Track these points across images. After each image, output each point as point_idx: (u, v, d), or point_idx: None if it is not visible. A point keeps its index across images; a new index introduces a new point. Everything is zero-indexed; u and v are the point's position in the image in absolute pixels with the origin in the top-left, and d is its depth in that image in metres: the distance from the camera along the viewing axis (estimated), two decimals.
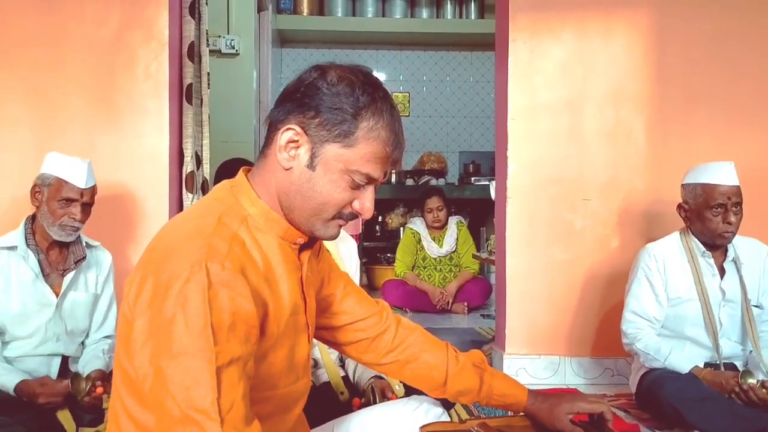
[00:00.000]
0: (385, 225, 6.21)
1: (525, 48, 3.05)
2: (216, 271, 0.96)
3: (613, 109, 3.06)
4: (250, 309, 0.98)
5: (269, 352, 1.07)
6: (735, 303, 2.43)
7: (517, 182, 3.05)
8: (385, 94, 1.10)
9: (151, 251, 1.05)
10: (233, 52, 5.27)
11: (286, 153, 1.08)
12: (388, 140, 1.08)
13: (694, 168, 2.47)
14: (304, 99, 1.07)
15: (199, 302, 0.93)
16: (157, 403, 0.94)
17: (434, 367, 1.37)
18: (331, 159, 1.06)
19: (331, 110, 1.05)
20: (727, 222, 2.34)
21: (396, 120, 1.10)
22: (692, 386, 2.28)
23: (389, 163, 1.09)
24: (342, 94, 1.06)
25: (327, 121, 1.06)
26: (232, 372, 0.94)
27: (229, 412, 0.92)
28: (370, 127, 1.06)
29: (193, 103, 3.07)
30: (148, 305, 0.97)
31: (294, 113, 1.07)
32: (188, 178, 3.03)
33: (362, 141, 1.06)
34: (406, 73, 6.97)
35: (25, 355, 2.21)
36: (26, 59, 2.86)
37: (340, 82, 1.07)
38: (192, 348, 0.92)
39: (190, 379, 0.91)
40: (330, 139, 1.06)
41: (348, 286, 1.37)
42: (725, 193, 2.34)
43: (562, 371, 3.02)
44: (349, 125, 1.05)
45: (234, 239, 1.03)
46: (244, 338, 0.97)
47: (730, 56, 3.07)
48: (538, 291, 3.05)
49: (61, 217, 2.19)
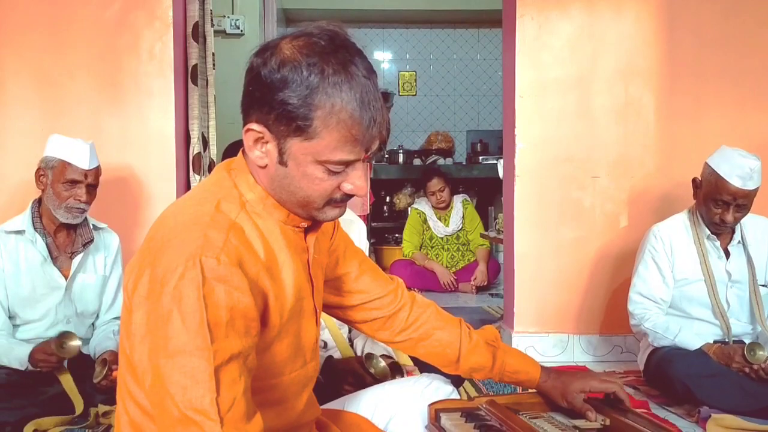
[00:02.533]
0: (392, 205, 6.20)
1: (533, 24, 3.01)
2: (211, 266, 0.92)
3: (622, 86, 3.02)
4: (248, 302, 0.94)
5: (274, 342, 1.04)
6: (742, 284, 2.42)
7: (526, 161, 3.03)
8: (339, 62, 0.96)
9: (150, 239, 1.02)
10: (238, 32, 5.23)
11: (257, 151, 1.01)
12: (353, 119, 0.95)
13: (724, 149, 2.36)
14: (255, 94, 0.98)
15: (194, 299, 0.90)
16: (156, 402, 0.92)
17: (448, 345, 1.36)
18: (298, 153, 0.98)
19: (281, 104, 0.95)
20: (723, 219, 2.32)
21: (359, 89, 0.95)
22: (702, 362, 2.27)
23: (364, 141, 0.98)
24: (287, 81, 0.95)
25: (281, 116, 0.96)
26: (232, 369, 0.91)
27: (229, 411, 0.89)
28: (326, 113, 0.95)
29: (198, 84, 3.05)
30: (146, 297, 0.95)
31: (253, 109, 1.00)
32: (195, 159, 3.02)
33: (323, 129, 0.95)
34: (413, 51, 6.91)
35: (37, 338, 2.23)
36: (31, 42, 2.85)
37: (282, 68, 0.95)
38: (189, 347, 0.89)
39: (188, 379, 0.88)
40: (290, 134, 0.97)
41: (364, 264, 1.34)
42: (734, 193, 2.29)
43: (571, 349, 3.02)
44: (303, 117, 0.95)
45: (232, 228, 0.98)
46: (243, 332, 0.94)
47: (742, 33, 3.02)
48: (546, 269, 3.04)
49: (66, 199, 2.19)
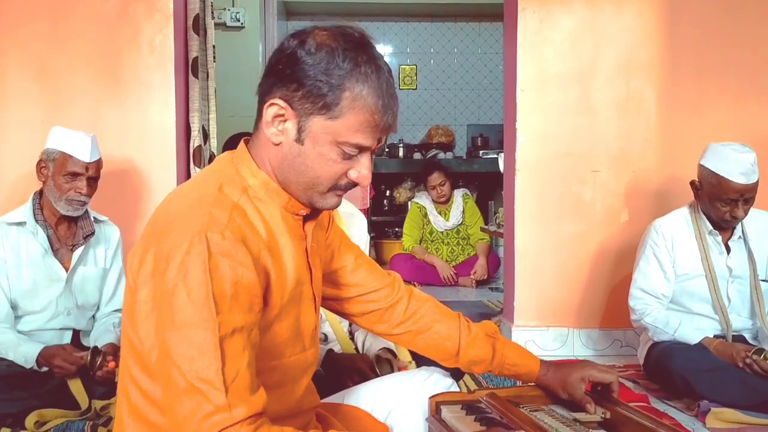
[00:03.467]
0: (392, 199, 6.20)
1: (534, 18, 3.00)
2: (216, 241, 0.95)
3: (623, 80, 3.02)
4: (252, 278, 0.97)
5: (274, 322, 1.07)
6: (743, 279, 2.42)
7: (526, 155, 3.02)
8: (370, 55, 1.04)
9: (152, 223, 1.05)
10: (238, 24, 5.22)
11: (274, 128, 1.05)
12: (376, 107, 1.02)
13: (715, 148, 2.35)
14: (285, 71, 1.03)
15: (199, 273, 0.93)
16: (163, 375, 0.94)
17: (447, 337, 1.36)
18: (319, 132, 1.03)
19: (313, 81, 1.01)
20: (734, 216, 2.32)
21: (384, 82, 1.04)
22: (702, 357, 2.28)
23: (380, 130, 1.05)
24: (323, 62, 1.01)
25: (309, 94, 1.01)
26: (236, 341, 0.94)
27: (234, 381, 0.92)
28: (354, 96, 1.01)
29: (199, 76, 3.05)
30: (151, 275, 0.97)
31: (277, 86, 1.04)
32: (195, 152, 3.02)
33: (348, 111, 1.01)
34: (413, 45, 6.89)
35: (37, 329, 2.24)
36: (31, 35, 2.84)
37: (319, 50, 1.01)
38: (195, 319, 0.92)
39: (194, 350, 0.91)
40: (314, 111, 1.02)
41: (359, 258, 1.36)
42: (740, 190, 2.28)
43: (571, 343, 3.02)
44: (333, 96, 1.01)
45: (235, 209, 1.02)
46: (247, 307, 0.97)
47: (743, 26, 3.02)
48: (546, 263, 3.04)
49: (67, 191, 2.19)
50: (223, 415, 0.90)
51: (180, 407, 0.91)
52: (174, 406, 0.92)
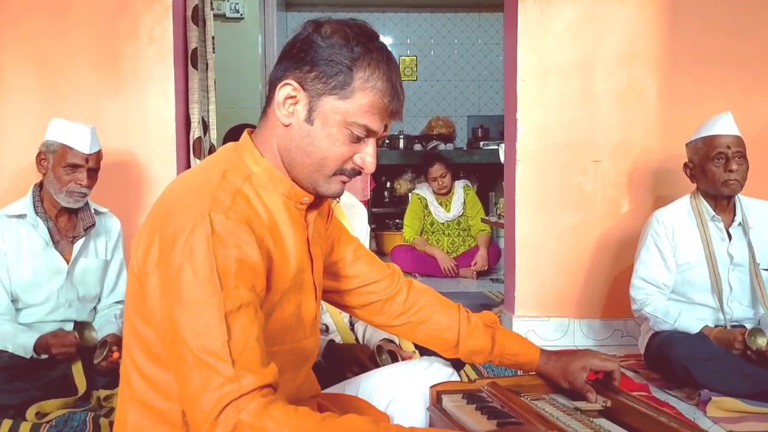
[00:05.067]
0: (393, 191, 6.19)
1: (535, 7, 2.99)
2: (220, 220, 0.97)
3: (624, 69, 3.01)
4: (255, 257, 0.99)
5: (276, 307, 1.08)
6: (743, 267, 2.42)
7: (527, 145, 3.02)
8: (381, 45, 1.09)
9: (156, 208, 1.06)
10: (238, 16, 5.20)
11: (284, 109, 1.08)
12: (386, 90, 1.06)
13: (698, 128, 2.48)
14: (300, 54, 1.07)
15: (204, 251, 0.95)
16: (173, 353, 0.96)
17: (446, 328, 1.37)
18: (329, 112, 1.06)
19: (327, 62, 1.05)
20: (729, 170, 2.33)
21: (393, 71, 1.08)
22: (702, 346, 2.28)
23: (388, 114, 1.08)
24: (336, 45, 1.05)
25: (323, 74, 1.05)
26: (243, 315, 0.95)
27: (242, 354, 0.93)
28: (366, 78, 1.05)
29: (198, 68, 3.04)
30: (157, 263, 0.98)
31: (291, 69, 1.07)
32: (195, 143, 3.01)
33: (359, 92, 1.05)
34: (414, 36, 6.87)
35: (39, 322, 2.24)
36: (30, 26, 2.83)
37: (334, 34, 1.06)
38: (200, 295, 0.94)
39: (200, 325, 0.93)
40: (326, 91, 1.05)
41: (358, 250, 1.37)
42: (725, 142, 2.35)
43: (572, 333, 3.03)
44: (345, 76, 1.05)
45: (238, 193, 1.04)
46: (251, 285, 0.98)
47: (745, 16, 3.00)
48: (547, 254, 3.04)
49: (67, 183, 2.19)
50: (232, 386, 0.90)
51: (190, 382, 0.92)
52: (185, 382, 0.93)
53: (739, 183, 2.36)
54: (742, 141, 2.38)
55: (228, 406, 0.90)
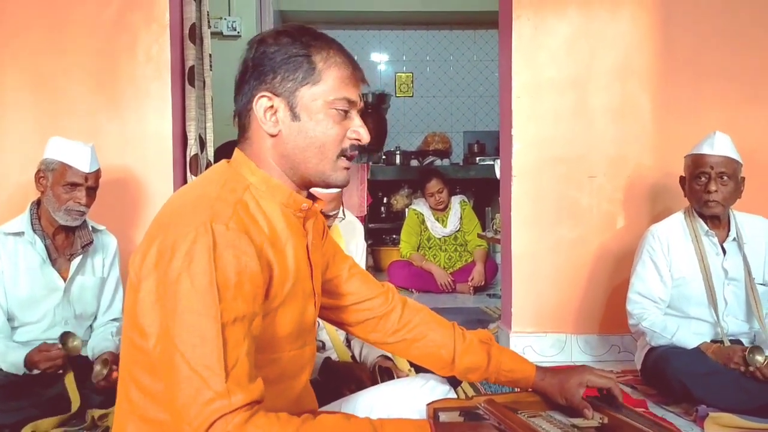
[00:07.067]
0: (390, 206, 6.20)
1: (529, 24, 3.02)
2: (221, 231, 0.98)
3: (619, 85, 3.03)
4: (255, 268, 1.00)
5: (277, 314, 1.09)
6: (739, 281, 2.43)
7: (523, 161, 3.03)
8: (323, 34, 1.16)
9: (155, 222, 1.08)
10: (235, 33, 5.23)
11: (268, 121, 1.12)
12: (346, 61, 1.13)
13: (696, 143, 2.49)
14: (257, 69, 1.12)
15: (204, 262, 0.96)
16: (165, 362, 0.96)
17: (442, 345, 1.37)
18: (309, 101, 1.11)
19: (286, 62, 1.10)
20: (707, 191, 2.34)
21: (341, 47, 1.15)
22: (699, 361, 2.28)
23: (359, 80, 1.15)
24: (286, 45, 1.11)
25: (287, 73, 1.10)
26: (237, 330, 0.96)
27: (234, 368, 0.94)
28: (325, 58, 1.12)
29: (195, 85, 3.05)
30: (154, 267, 0.99)
31: (256, 86, 1.12)
32: (192, 160, 3.02)
33: (325, 71, 1.11)
34: (410, 53, 6.92)
35: (35, 340, 2.23)
36: (28, 44, 2.85)
37: (279, 38, 1.12)
38: (198, 306, 0.94)
39: (196, 337, 0.93)
40: (298, 85, 1.10)
41: (353, 268, 1.38)
42: (708, 162, 2.36)
43: (569, 349, 3.02)
44: (307, 65, 1.10)
45: (238, 203, 1.06)
46: (251, 297, 0.99)
47: (739, 30, 3.03)
48: (544, 269, 3.04)
49: (66, 201, 2.19)
50: (222, 402, 0.91)
51: (180, 393, 0.93)
52: (175, 391, 0.93)
53: (719, 203, 2.36)
54: (730, 161, 2.35)
55: (217, 422, 0.91)
